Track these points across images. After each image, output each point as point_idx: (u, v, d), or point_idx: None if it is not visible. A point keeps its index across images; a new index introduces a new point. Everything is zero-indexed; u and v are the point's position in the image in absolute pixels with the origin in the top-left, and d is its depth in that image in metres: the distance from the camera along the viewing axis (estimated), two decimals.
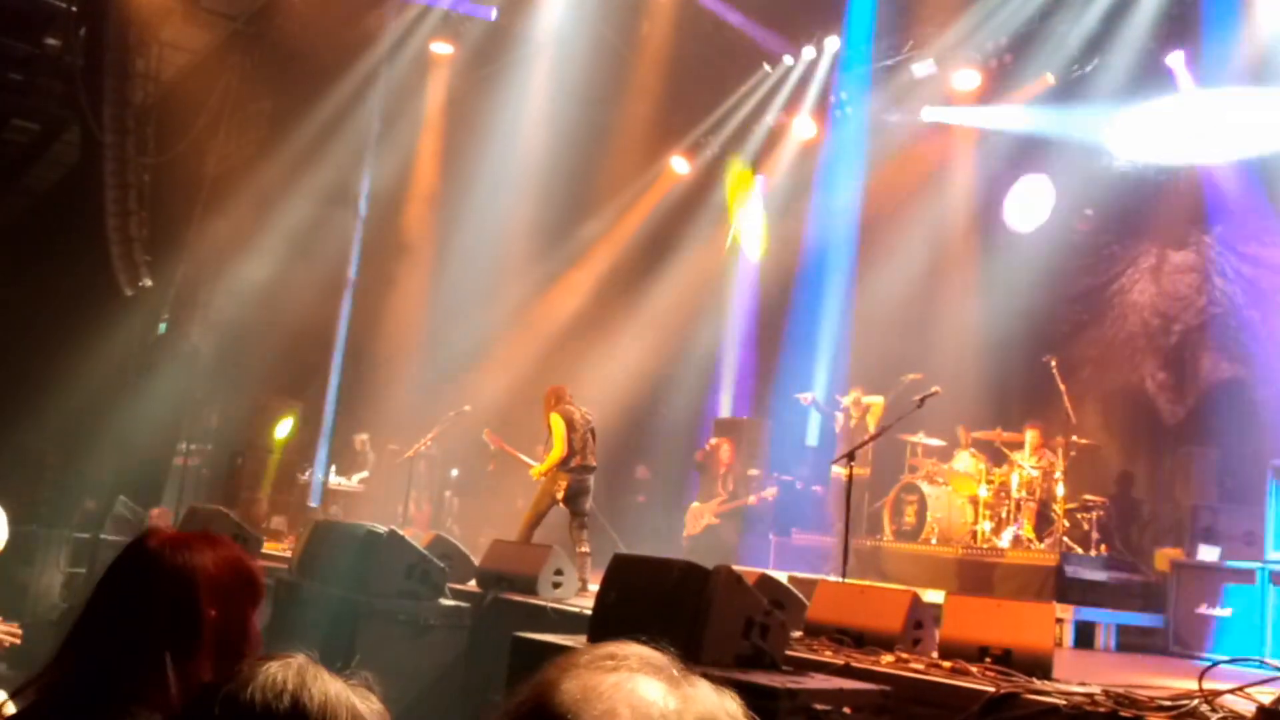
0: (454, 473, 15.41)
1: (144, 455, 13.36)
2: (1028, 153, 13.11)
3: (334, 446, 15.01)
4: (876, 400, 11.20)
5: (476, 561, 8.13)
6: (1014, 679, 4.66)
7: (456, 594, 7.20)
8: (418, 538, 8.45)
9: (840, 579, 7.44)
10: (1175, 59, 11.79)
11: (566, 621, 6.32)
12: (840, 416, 11.31)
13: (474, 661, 6.64)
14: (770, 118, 15.38)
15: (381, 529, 6.81)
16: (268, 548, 9.66)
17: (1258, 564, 8.42)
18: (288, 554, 9.37)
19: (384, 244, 15.62)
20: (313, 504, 13.10)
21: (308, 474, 14.65)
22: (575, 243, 16.31)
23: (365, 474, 13.97)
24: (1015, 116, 13.03)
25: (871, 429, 10.86)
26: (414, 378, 15.21)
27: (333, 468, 14.70)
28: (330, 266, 14.77)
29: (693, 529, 12.21)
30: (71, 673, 1.96)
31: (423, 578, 6.62)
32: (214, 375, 14.62)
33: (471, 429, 12.58)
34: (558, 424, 8.76)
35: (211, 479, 14.04)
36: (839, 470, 10.58)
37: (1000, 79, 13.13)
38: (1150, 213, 12.47)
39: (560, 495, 8.66)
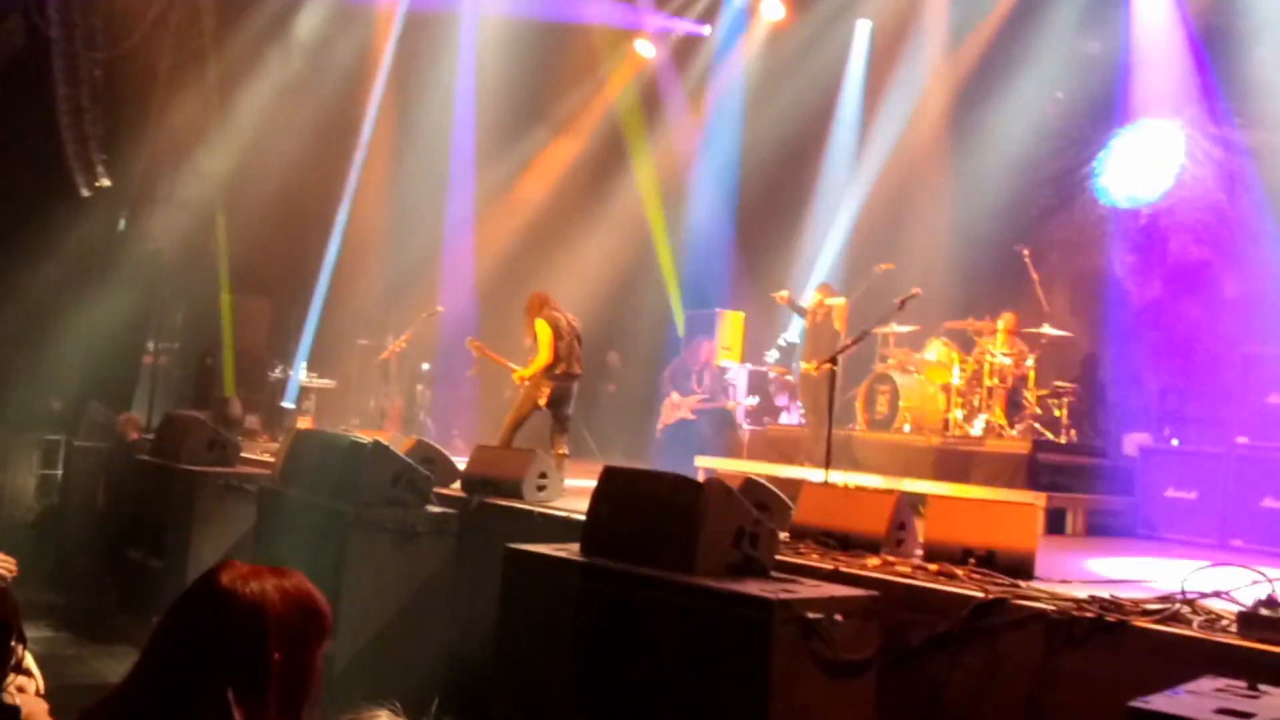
0: (425, 366, 15.43)
1: (111, 357, 13.22)
2: (1002, 36, 12.92)
3: (310, 343, 14.94)
4: (838, 302, 11.14)
5: (456, 463, 8.19)
6: (999, 582, 4.77)
7: (440, 498, 7.24)
8: (398, 441, 8.48)
9: (822, 474, 7.55)
10: None
11: (553, 527, 6.38)
12: (806, 314, 11.32)
13: (461, 567, 6.71)
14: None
15: (365, 440, 6.80)
16: (245, 451, 9.63)
17: (1223, 448, 8.62)
18: (266, 458, 9.39)
19: (343, 139, 15.30)
20: (287, 404, 13.06)
21: (279, 371, 14.59)
22: (541, 130, 16.06)
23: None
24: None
25: (837, 327, 10.88)
26: (380, 273, 15.09)
27: (303, 364, 14.65)
28: (291, 160, 14.46)
29: (667, 419, 12.30)
30: (133, 707, 1.95)
31: (409, 486, 6.63)
32: (179, 273, 14.40)
33: (444, 326, 12.53)
34: (544, 330, 8.70)
35: (181, 380, 13.94)
36: (807, 366, 10.72)
37: None
38: (1121, 95, 12.40)
39: (544, 401, 8.66)
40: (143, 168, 13.60)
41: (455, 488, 7.74)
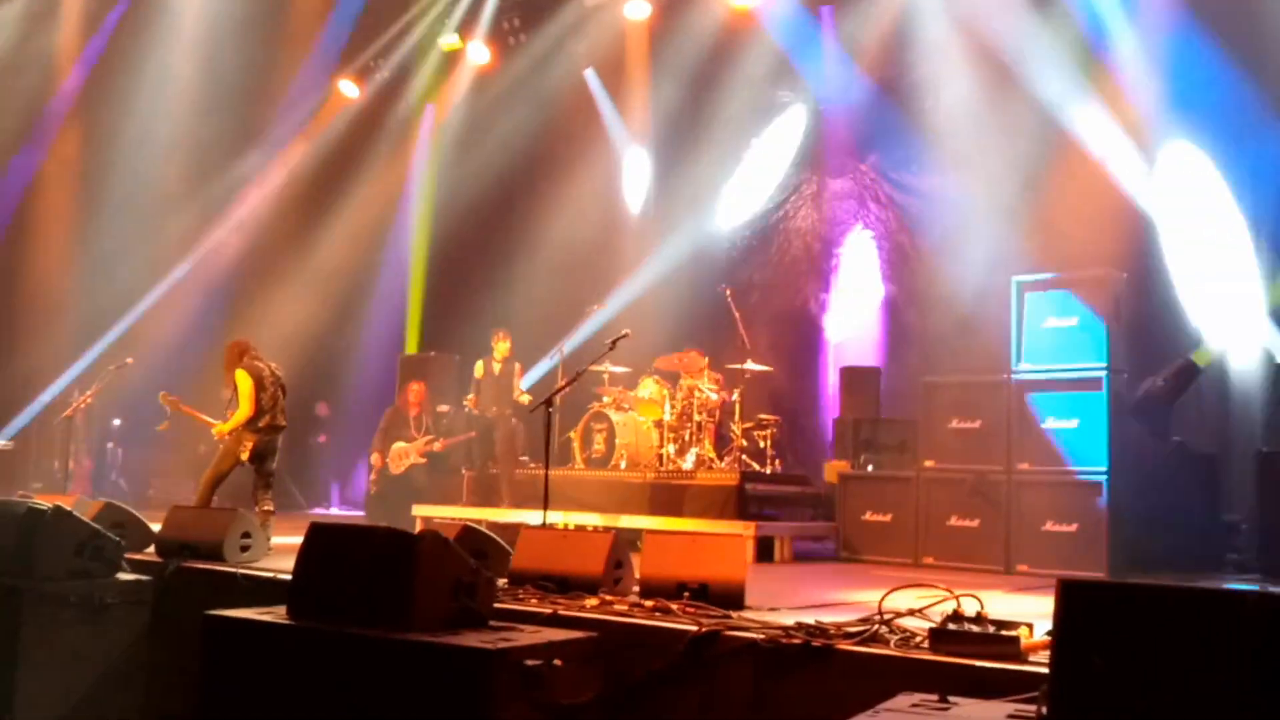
0: (116, 423, 14.43)
1: None
2: (698, 80, 13.41)
3: None
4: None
5: (151, 523, 7.65)
6: (712, 614, 4.87)
7: (134, 565, 6.73)
8: (84, 505, 7.84)
9: (542, 516, 7.54)
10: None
11: (259, 589, 6.04)
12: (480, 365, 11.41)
13: (159, 637, 6.25)
14: (443, 41, 15.02)
15: (44, 505, 6.22)
16: None
17: (913, 472, 9.20)
18: None
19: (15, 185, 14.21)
20: None
21: None
22: (240, 171, 15.43)
23: None
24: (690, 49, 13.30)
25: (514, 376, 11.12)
26: (64, 327, 14.03)
27: None
28: None
29: (396, 469, 11.92)
30: None
31: (95, 554, 6.12)
32: None
33: (135, 380, 11.74)
34: (244, 381, 8.21)
35: None
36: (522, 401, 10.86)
37: (670, 12, 13.38)
38: (811, 142, 13.14)
39: (246, 456, 8.20)
40: None
41: (150, 552, 7.22)
